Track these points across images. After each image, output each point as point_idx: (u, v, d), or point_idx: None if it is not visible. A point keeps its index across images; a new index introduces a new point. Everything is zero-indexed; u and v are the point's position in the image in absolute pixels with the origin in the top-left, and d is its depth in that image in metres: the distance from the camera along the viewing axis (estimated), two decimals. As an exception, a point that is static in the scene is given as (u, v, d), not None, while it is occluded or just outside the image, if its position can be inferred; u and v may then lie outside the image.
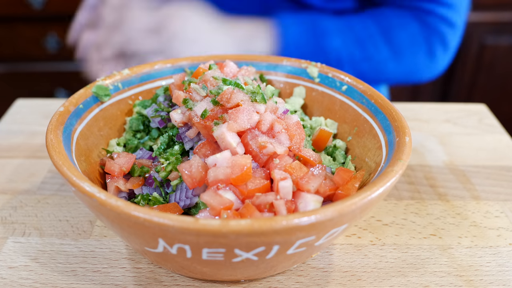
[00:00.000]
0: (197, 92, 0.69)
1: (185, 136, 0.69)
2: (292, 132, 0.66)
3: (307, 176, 0.62)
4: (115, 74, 0.79)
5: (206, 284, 0.66)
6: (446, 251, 0.72)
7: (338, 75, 0.79)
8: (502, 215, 0.79)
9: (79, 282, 0.66)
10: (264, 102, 0.66)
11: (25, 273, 0.68)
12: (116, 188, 0.69)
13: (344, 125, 0.78)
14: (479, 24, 2.28)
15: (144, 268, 0.68)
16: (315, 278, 0.67)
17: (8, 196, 0.83)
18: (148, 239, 0.53)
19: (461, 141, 1.00)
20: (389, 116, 0.69)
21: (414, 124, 1.05)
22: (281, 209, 0.58)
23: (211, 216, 0.58)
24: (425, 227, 0.77)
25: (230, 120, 0.63)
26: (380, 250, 0.72)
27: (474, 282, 0.67)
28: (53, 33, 2.29)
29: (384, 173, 0.57)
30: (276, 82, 0.85)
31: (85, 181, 0.55)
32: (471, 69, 2.40)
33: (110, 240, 0.73)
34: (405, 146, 0.62)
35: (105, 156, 0.74)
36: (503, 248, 0.73)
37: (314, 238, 0.53)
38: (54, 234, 0.74)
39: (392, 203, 0.82)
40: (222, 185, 0.60)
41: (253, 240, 0.50)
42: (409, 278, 0.68)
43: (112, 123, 0.78)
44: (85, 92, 0.74)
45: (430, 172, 0.90)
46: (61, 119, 0.68)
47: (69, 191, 0.84)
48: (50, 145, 0.61)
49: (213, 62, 0.77)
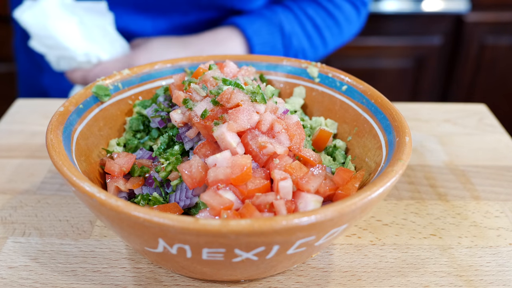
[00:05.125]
0: (197, 92, 0.69)
1: (185, 136, 0.69)
2: (292, 132, 0.66)
3: (307, 176, 0.62)
4: (115, 74, 0.79)
5: (206, 284, 0.66)
6: (446, 251, 0.72)
7: (338, 75, 0.79)
8: (502, 215, 0.79)
9: (79, 282, 0.66)
10: (264, 102, 0.66)
11: (25, 273, 0.68)
12: (116, 188, 0.69)
13: (344, 125, 0.78)
14: (479, 24, 2.29)
15: (144, 268, 0.68)
16: (315, 278, 0.67)
17: (8, 196, 0.83)
18: (148, 239, 0.53)
19: (461, 141, 1.00)
20: (389, 116, 0.69)
21: (414, 124, 1.05)
22: (281, 209, 0.58)
23: (211, 216, 0.58)
24: (425, 227, 0.77)
25: (230, 120, 0.63)
26: (380, 250, 0.72)
27: (474, 282, 0.67)
28: (53, 33, 2.29)
29: (384, 173, 0.58)
30: (276, 82, 0.85)
31: (85, 181, 0.55)
32: (471, 69, 2.41)
33: (110, 240, 0.73)
34: (405, 146, 0.62)
35: (105, 156, 0.74)
36: (503, 248, 0.73)
37: (314, 238, 0.53)
38: (54, 234, 0.74)
39: (392, 203, 0.82)
40: (222, 185, 0.60)
41: (253, 240, 0.50)
42: (409, 278, 0.68)
43: (112, 123, 0.78)
44: (85, 92, 0.74)
45: (430, 172, 0.90)
46: (61, 119, 0.68)
47: (69, 191, 0.84)
48: (50, 145, 0.61)
49: (213, 62, 0.77)
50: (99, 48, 1.15)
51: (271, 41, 1.23)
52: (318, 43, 1.33)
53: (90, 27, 1.14)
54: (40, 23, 1.09)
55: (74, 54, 1.12)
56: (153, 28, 1.29)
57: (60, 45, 1.11)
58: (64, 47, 1.11)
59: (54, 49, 1.12)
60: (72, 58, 1.13)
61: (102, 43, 1.15)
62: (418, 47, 2.38)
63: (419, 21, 2.30)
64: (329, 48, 1.37)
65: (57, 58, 1.15)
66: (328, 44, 1.35)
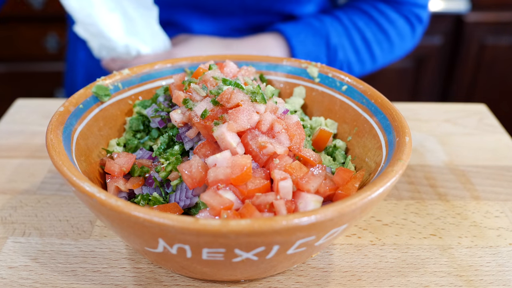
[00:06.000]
0: (197, 92, 0.69)
1: (185, 136, 0.69)
2: (292, 132, 0.66)
3: (307, 176, 0.62)
4: (115, 74, 0.79)
5: (206, 284, 0.66)
6: (446, 251, 0.72)
7: (338, 75, 0.79)
8: (502, 215, 0.79)
9: (79, 282, 0.66)
10: (264, 102, 0.66)
11: (25, 273, 0.68)
12: (116, 188, 0.69)
13: (344, 125, 0.78)
14: (479, 24, 2.28)
15: (144, 268, 0.68)
16: (315, 278, 0.67)
17: (8, 196, 0.83)
18: (148, 239, 0.53)
19: (461, 141, 1.00)
20: (389, 116, 0.69)
21: (414, 124, 1.05)
22: (281, 209, 0.58)
23: (211, 216, 0.58)
24: (425, 227, 0.77)
25: (230, 120, 0.63)
26: (380, 250, 0.72)
27: (474, 282, 0.67)
28: (53, 33, 2.29)
29: (384, 173, 0.58)
30: (276, 82, 0.85)
31: (85, 181, 0.55)
32: (471, 69, 2.41)
33: (110, 240, 0.73)
34: (405, 146, 0.62)
35: (105, 156, 0.74)
36: (503, 248, 0.73)
37: (314, 238, 0.53)
38: (54, 234, 0.74)
39: (392, 203, 0.82)
40: (222, 185, 0.60)
41: (253, 240, 0.50)
42: (409, 278, 0.68)
43: (112, 123, 0.78)
44: (85, 92, 0.74)
45: (430, 172, 0.90)
46: (61, 119, 0.68)
47: (69, 191, 0.84)
48: (50, 145, 0.61)
49: (213, 62, 0.77)
50: (140, 41, 1.14)
51: (315, 52, 1.21)
52: (366, 58, 1.28)
53: (134, 19, 1.12)
54: (85, 10, 1.08)
55: (115, 44, 1.11)
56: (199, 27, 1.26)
57: (102, 34, 1.11)
58: (106, 37, 1.11)
59: (96, 36, 1.12)
60: (113, 48, 1.12)
61: (143, 37, 1.14)
62: (418, 47, 2.37)
63: (419, 21, 2.30)
64: (378, 63, 1.32)
65: (98, 46, 1.15)
66: (376, 60, 1.31)
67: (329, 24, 1.25)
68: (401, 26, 1.30)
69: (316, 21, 1.25)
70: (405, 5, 1.30)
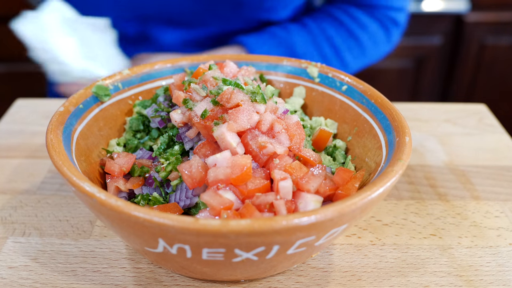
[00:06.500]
0: (197, 92, 0.69)
1: (185, 136, 0.69)
2: (292, 132, 0.66)
3: (307, 176, 0.62)
4: (115, 74, 0.79)
5: (206, 284, 0.66)
6: (446, 251, 0.72)
7: (338, 75, 0.79)
8: (502, 215, 0.79)
9: (79, 282, 0.66)
10: (264, 102, 0.66)
11: (25, 273, 0.68)
12: (116, 188, 0.69)
13: (344, 125, 0.78)
14: (479, 24, 2.28)
15: (144, 268, 0.68)
16: (315, 278, 0.67)
17: (8, 196, 0.83)
18: (148, 239, 0.53)
19: (461, 141, 1.00)
20: (389, 116, 0.69)
21: (414, 124, 1.05)
22: (281, 209, 0.58)
23: (211, 216, 0.58)
24: (425, 227, 0.77)
25: (230, 120, 0.63)
26: (380, 250, 0.72)
27: (474, 282, 0.67)
28: (53, 33, 2.29)
29: (384, 173, 0.57)
30: (276, 82, 0.85)
31: (85, 181, 0.55)
32: (471, 69, 2.41)
33: (110, 240, 0.73)
34: (405, 146, 0.62)
35: (105, 156, 0.74)
36: (503, 248, 0.73)
37: (314, 238, 0.53)
38: (54, 234, 0.74)
39: (392, 203, 0.82)
40: (222, 185, 0.60)
41: (253, 240, 0.50)
42: (409, 278, 0.68)
43: (112, 123, 0.78)
44: (85, 92, 0.74)
45: (430, 172, 0.90)
46: (61, 119, 0.68)
47: (69, 191, 0.84)
48: (50, 145, 0.61)
49: (213, 62, 0.77)
50: (97, 64, 1.16)
51: None
52: (335, 65, 1.29)
53: (91, 43, 1.15)
54: (39, 36, 1.09)
55: (71, 68, 1.13)
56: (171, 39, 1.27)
57: (57, 60, 1.12)
58: (62, 62, 1.12)
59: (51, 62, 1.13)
60: (69, 72, 1.14)
61: (101, 60, 1.16)
62: (418, 47, 2.38)
63: (419, 21, 2.30)
64: (349, 69, 1.32)
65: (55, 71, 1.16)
66: (347, 66, 1.30)
67: (296, 33, 1.25)
68: (374, 31, 1.30)
69: (281, 31, 1.25)
70: (379, 9, 1.29)
